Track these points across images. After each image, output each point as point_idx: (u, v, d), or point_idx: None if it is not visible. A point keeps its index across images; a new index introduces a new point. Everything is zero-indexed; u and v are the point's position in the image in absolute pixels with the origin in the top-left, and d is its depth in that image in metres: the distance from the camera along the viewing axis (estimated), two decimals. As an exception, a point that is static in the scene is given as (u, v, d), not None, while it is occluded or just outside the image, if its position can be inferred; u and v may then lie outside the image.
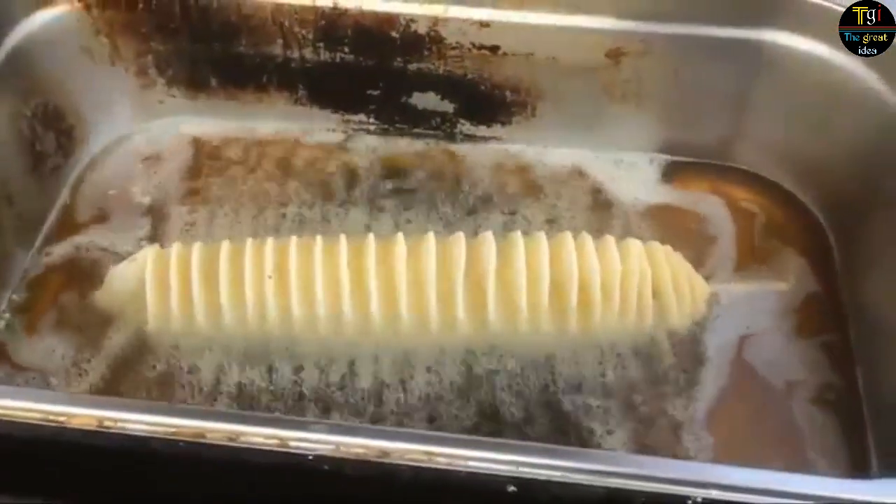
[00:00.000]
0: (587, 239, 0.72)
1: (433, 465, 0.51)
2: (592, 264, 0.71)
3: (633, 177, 0.89)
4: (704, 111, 0.87)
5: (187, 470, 0.53)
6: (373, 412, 0.71)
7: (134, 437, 0.51)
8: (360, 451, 0.51)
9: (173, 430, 0.51)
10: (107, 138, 0.92)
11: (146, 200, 0.87)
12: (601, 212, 0.86)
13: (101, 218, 0.85)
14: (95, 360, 0.74)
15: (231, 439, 0.51)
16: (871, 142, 0.79)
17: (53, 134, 0.86)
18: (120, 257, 0.78)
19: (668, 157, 0.90)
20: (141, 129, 0.93)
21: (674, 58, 0.83)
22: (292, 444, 0.51)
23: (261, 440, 0.52)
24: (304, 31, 0.85)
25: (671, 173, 0.89)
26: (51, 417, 0.51)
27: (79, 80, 0.87)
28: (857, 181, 0.81)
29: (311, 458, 0.51)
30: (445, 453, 0.51)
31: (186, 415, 0.53)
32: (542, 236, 0.72)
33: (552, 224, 0.83)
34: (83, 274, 0.80)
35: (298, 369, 0.73)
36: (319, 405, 0.72)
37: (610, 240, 0.73)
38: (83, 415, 0.51)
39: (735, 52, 0.82)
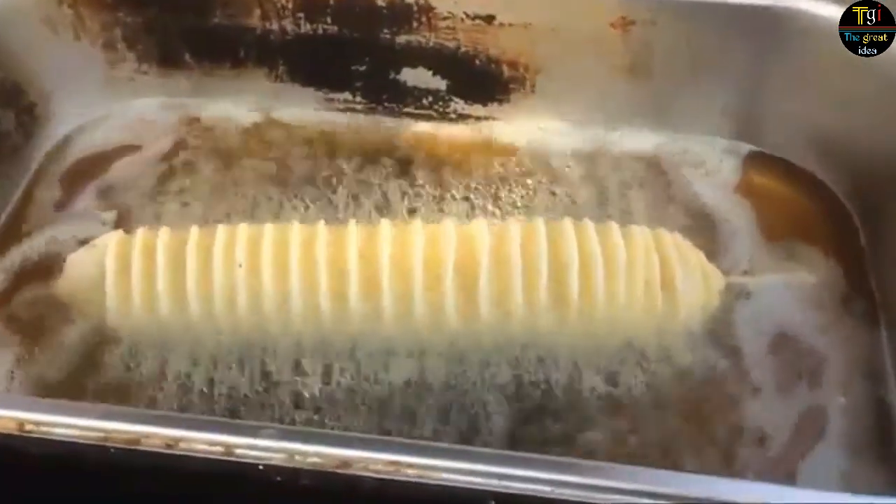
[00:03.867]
0: (589, 225, 0.72)
1: (401, 478, 0.49)
2: (594, 252, 0.70)
3: (641, 159, 0.88)
4: (718, 87, 0.87)
5: (119, 481, 0.51)
6: (345, 416, 0.70)
7: (59, 443, 0.50)
8: (317, 460, 0.49)
9: (103, 434, 0.49)
10: (73, 119, 0.92)
11: (114, 186, 0.87)
12: (604, 197, 0.85)
13: (66, 205, 0.85)
14: (48, 356, 0.73)
15: (169, 446, 0.50)
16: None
17: (13, 112, 0.86)
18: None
19: (680, 137, 0.90)
20: (109, 108, 0.93)
21: (685, 28, 0.83)
22: (239, 451, 0.50)
23: (203, 447, 0.50)
24: (283, 0, 0.85)
25: (684, 156, 0.88)
26: (-36, 420, 0.50)
27: (40, 55, 0.87)
28: (884, 162, 0.80)
29: (260, 467, 0.49)
30: (415, 463, 0.49)
31: (118, 417, 0.51)
32: (539, 222, 0.72)
33: (551, 210, 0.83)
34: (44, 265, 0.80)
35: (268, 366, 0.72)
36: (289, 408, 0.70)
37: (613, 226, 0.72)
38: (1, 416, 0.49)
39: (752, 20, 0.81)
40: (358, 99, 0.93)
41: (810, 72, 0.83)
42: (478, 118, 0.92)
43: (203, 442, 0.49)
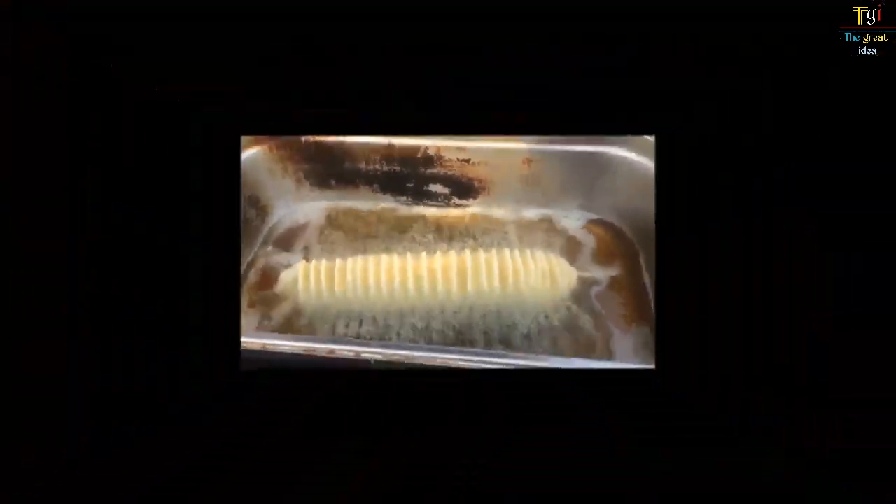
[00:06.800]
0: (506, 252, 1.23)
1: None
2: (508, 263, 1.22)
3: (542, 221, 1.39)
4: (574, 189, 1.37)
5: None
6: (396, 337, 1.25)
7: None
8: (398, 358, 1.12)
9: (328, 349, 1.15)
10: (279, 212, 1.44)
11: (300, 241, 1.39)
12: (521, 238, 1.35)
13: (279, 251, 1.38)
14: (272, 322, 1.23)
15: (342, 354, 1.15)
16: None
17: (254, 210, 1.37)
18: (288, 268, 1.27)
19: (558, 211, 1.40)
20: (296, 207, 1.45)
21: (554, 163, 1.33)
22: (364, 355, 1.12)
23: (346, 352, 1.11)
24: (375, 156, 1.37)
25: (559, 218, 1.39)
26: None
27: (266, 183, 1.39)
28: (644, 219, 1.20)
29: (372, 363, 1.13)
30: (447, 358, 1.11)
31: (323, 342, 1.15)
32: (489, 252, 1.24)
33: (495, 244, 1.32)
34: (270, 276, 1.31)
35: (382, 322, 1.24)
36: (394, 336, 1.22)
37: (516, 252, 1.23)
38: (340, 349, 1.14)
39: (588, 160, 1.33)
40: (407, 198, 1.42)
41: (618, 181, 1.29)
42: (464, 206, 1.40)
43: (347, 350, 1.10)
